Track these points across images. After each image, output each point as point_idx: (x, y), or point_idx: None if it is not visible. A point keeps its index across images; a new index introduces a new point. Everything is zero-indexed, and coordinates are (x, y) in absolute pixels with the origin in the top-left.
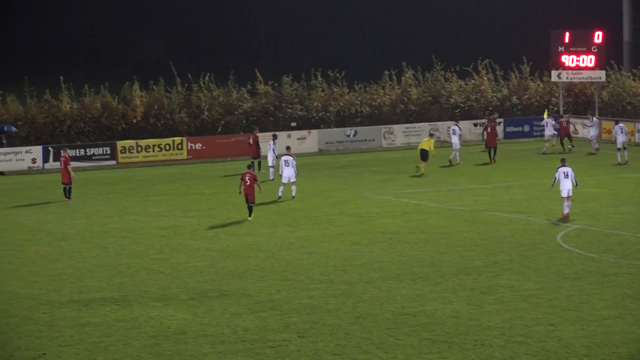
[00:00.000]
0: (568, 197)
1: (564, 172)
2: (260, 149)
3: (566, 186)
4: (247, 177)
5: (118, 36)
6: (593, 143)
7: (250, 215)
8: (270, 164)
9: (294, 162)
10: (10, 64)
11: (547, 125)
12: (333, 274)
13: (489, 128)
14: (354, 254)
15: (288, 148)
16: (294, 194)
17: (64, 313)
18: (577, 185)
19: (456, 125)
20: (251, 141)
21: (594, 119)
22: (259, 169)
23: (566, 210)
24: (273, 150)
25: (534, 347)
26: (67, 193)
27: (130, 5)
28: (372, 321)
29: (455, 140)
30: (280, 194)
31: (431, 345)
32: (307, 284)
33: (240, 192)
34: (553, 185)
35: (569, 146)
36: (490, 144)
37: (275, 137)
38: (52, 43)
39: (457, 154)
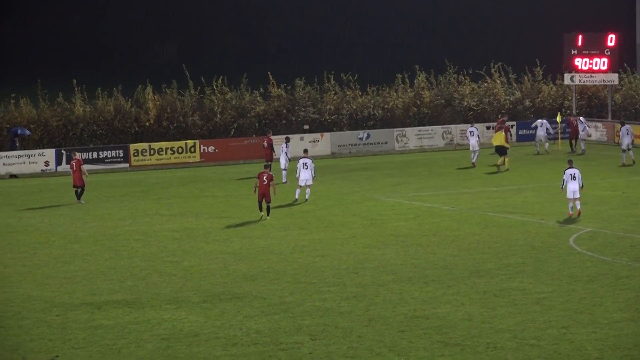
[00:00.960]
0: (575, 198)
1: (571, 174)
2: (274, 151)
3: (572, 187)
4: (264, 177)
5: (131, 39)
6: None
7: (268, 214)
8: (282, 167)
9: (313, 165)
10: (23, 67)
11: (540, 127)
12: (346, 276)
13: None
14: (366, 256)
15: (305, 151)
16: (307, 196)
17: (76, 315)
18: (582, 186)
19: (474, 127)
20: (265, 144)
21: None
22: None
23: (571, 211)
24: (286, 153)
25: (546, 350)
26: (79, 195)
27: (144, 9)
28: (384, 324)
29: (473, 141)
30: (297, 197)
31: (444, 348)
32: (319, 287)
33: (255, 191)
34: (563, 187)
35: (582, 149)
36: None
37: (288, 140)
38: (66, 46)
39: (476, 155)
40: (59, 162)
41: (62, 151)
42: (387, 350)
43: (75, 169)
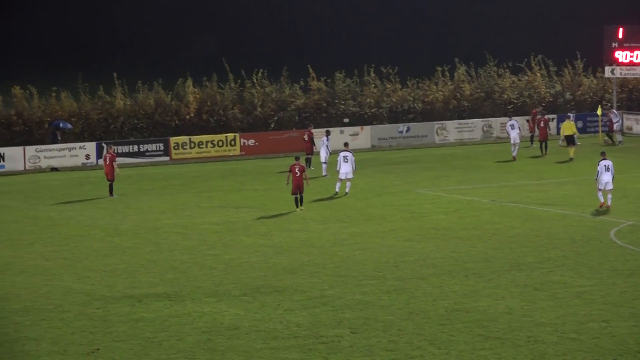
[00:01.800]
0: (607, 190)
1: (605, 165)
2: (314, 145)
3: (605, 179)
4: (296, 169)
5: (172, 32)
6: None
7: (301, 205)
8: (323, 160)
9: (353, 159)
10: (64, 61)
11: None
12: (386, 270)
13: (542, 122)
14: (406, 250)
15: (346, 144)
16: (347, 190)
17: (117, 308)
18: (613, 178)
19: (514, 119)
20: (306, 137)
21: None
22: (309, 166)
23: (602, 200)
24: (327, 146)
25: (587, 343)
26: (111, 190)
27: (184, 1)
28: (424, 317)
29: (514, 134)
30: (337, 190)
31: (484, 341)
32: (359, 280)
33: (288, 183)
34: (597, 178)
35: (619, 140)
36: (543, 138)
37: (328, 134)
38: (106, 39)
39: (516, 148)
40: (99, 156)
41: (103, 144)
42: (427, 343)
43: (107, 162)
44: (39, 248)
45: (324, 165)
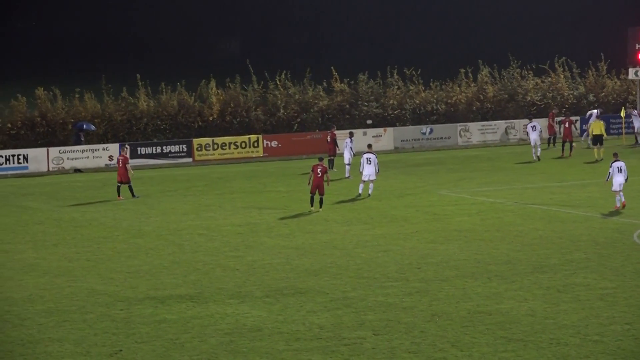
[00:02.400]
0: (620, 190)
1: (617, 167)
2: (337, 146)
3: (619, 180)
4: (318, 169)
5: (195, 34)
6: None
7: (321, 207)
8: (347, 161)
9: (376, 160)
10: (88, 62)
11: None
12: (408, 271)
13: (567, 123)
14: (429, 251)
15: (369, 146)
16: (370, 191)
17: (140, 310)
18: (627, 179)
19: (535, 121)
20: (329, 139)
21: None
22: (332, 168)
23: (618, 204)
24: (350, 148)
25: (610, 346)
26: (127, 191)
27: (207, 3)
28: (447, 319)
29: (535, 136)
30: (360, 191)
31: (507, 343)
32: (382, 282)
33: (309, 184)
34: (607, 179)
35: (638, 142)
36: (567, 139)
37: (351, 135)
38: (130, 41)
39: (538, 150)
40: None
41: (126, 146)
42: (449, 345)
43: (120, 165)
44: (62, 249)
45: (347, 167)
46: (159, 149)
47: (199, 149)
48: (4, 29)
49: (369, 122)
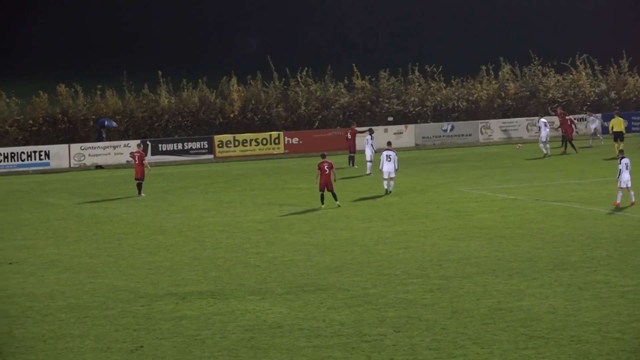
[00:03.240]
0: (627, 187)
1: (625, 164)
2: (355, 144)
3: (625, 177)
4: (325, 166)
5: (216, 31)
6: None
7: (336, 200)
8: (368, 158)
9: (396, 157)
10: (110, 59)
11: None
12: (429, 268)
13: (568, 121)
14: (450, 248)
15: (389, 143)
16: (391, 189)
17: (161, 306)
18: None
19: (545, 118)
20: (349, 135)
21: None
22: (352, 164)
23: (619, 200)
24: (371, 145)
25: (631, 343)
26: (139, 188)
27: (229, 0)
28: (468, 316)
29: (545, 133)
30: (385, 188)
31: (527, 340)
32: (403, 279)
33: (316, 182)
34: (619, 177)
35: None
36: (570, 137)
37: (372, 132)
38: (152, 37)
39: (547, 146)
40: (144, 153)
41: (148, 142)
42: (470, 342)
43: (137, 161)
44: (83, 245)
45: (368, 164)
46: (180, 146)
47: (220, 145)
48: (26, 26)
49: (390, 119)
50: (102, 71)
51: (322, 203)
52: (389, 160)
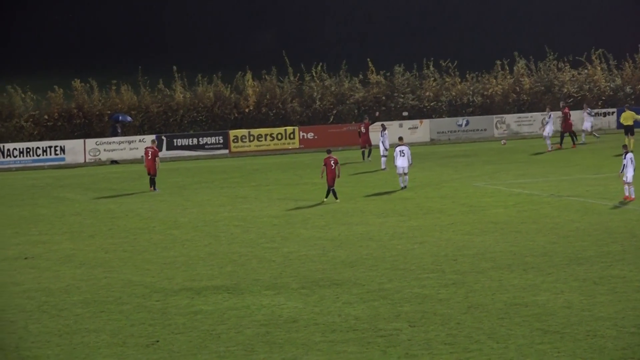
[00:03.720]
0: (629, 182)
1: (630, 158)
2: (369, 137)
3: (629, 172)
4: (332, 162)
5: (231, 26)
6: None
7: (336, 197)
8: (382, 153)
9: (409, 152)
10: (125, 54)
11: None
12: (444, 263)
13: (568, 115)
14: (465, 243)
15: (401, 138)
16: (406, 183)
17: (176, 301)
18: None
19: (552, 114)
20: (363, 129)
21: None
22: (368, 157)
23: (627, 194)
24: (384, 140)
25: None
26: (153, 184)
27: None
28: (483, 311)
29: (549, 128)
30: (401, 184)
31: (543, 335)
32: (418, 274)
33: (322, 177)
34: (622, 171)
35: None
36: (569, 130)
37: (384, 128)
38: (167, 32)
39: (549, 141)
40: (159, 148)
41: (163, 137)
42: (485, 337)
43: (149, 157)
44: (98, 240)
45: (383, 159)
46: (195, 141)
47: (235, 140)
48: (41, 21)
49: (405, 114)
50: (118, 66)
51: (327, 197)
52: (402, 155)
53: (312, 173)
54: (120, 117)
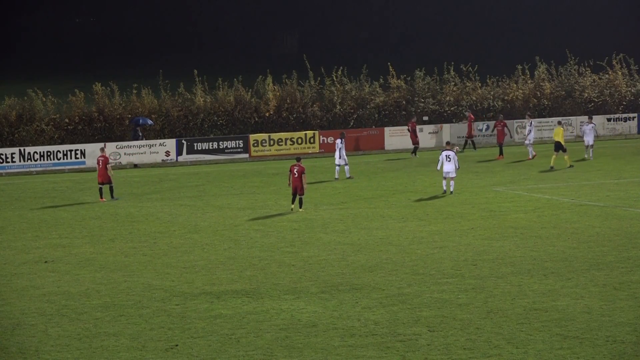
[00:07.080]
0: None
1: None
2: (417, 136)
3: None
4: (295, 170)
5: (252, 30)
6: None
7: (301, 207)
8: (337, 162)
9: (456, 157)
10: (145, 58)
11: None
12: (464, 268)
13: (499, 126)
14: (485, 248)
15: (448, 143)
16: (452, 189)
17: (196, 305)
18: None
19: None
20: (409, 128)
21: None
22: (414, 154)
23: None
24: (340, 149)
25: None
26: (108, 193)
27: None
28: (503, 316)
29: (531, 135)
30: (444, 188)
31: (562, 340)
32: (437, 278)
33: (289, 185)
34: None
35: None
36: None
37: (343, 136)
38: (188, 37)
39: (531, 148)
40: (179, 152)
41: (183, 141)
42: (505, 342)
43: (100, 165)
44: (119, 244)
45: (337, 168)
46: (215, 145)
47: (255, 144)
48: (62, 25)
49: (426, 118)
50: (138, 70)
51: (292, 203)
52: (449, 160)
53: (333, 177)
54: (140, 120)
